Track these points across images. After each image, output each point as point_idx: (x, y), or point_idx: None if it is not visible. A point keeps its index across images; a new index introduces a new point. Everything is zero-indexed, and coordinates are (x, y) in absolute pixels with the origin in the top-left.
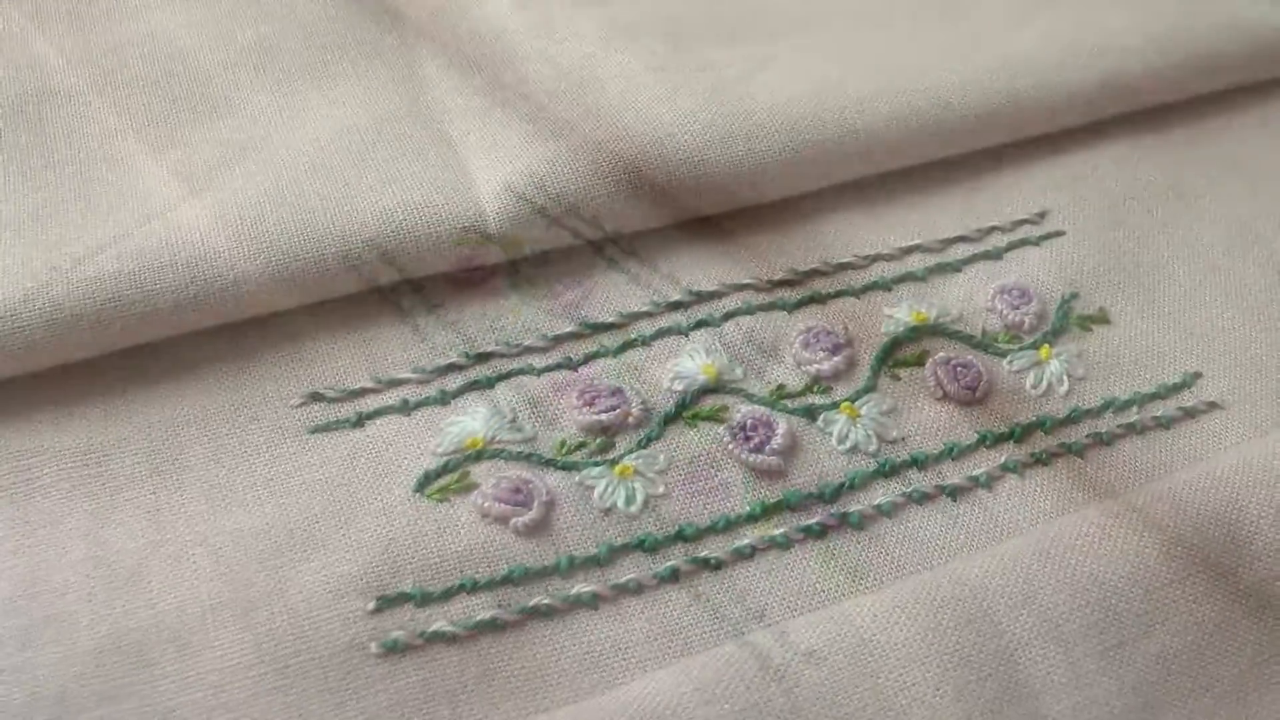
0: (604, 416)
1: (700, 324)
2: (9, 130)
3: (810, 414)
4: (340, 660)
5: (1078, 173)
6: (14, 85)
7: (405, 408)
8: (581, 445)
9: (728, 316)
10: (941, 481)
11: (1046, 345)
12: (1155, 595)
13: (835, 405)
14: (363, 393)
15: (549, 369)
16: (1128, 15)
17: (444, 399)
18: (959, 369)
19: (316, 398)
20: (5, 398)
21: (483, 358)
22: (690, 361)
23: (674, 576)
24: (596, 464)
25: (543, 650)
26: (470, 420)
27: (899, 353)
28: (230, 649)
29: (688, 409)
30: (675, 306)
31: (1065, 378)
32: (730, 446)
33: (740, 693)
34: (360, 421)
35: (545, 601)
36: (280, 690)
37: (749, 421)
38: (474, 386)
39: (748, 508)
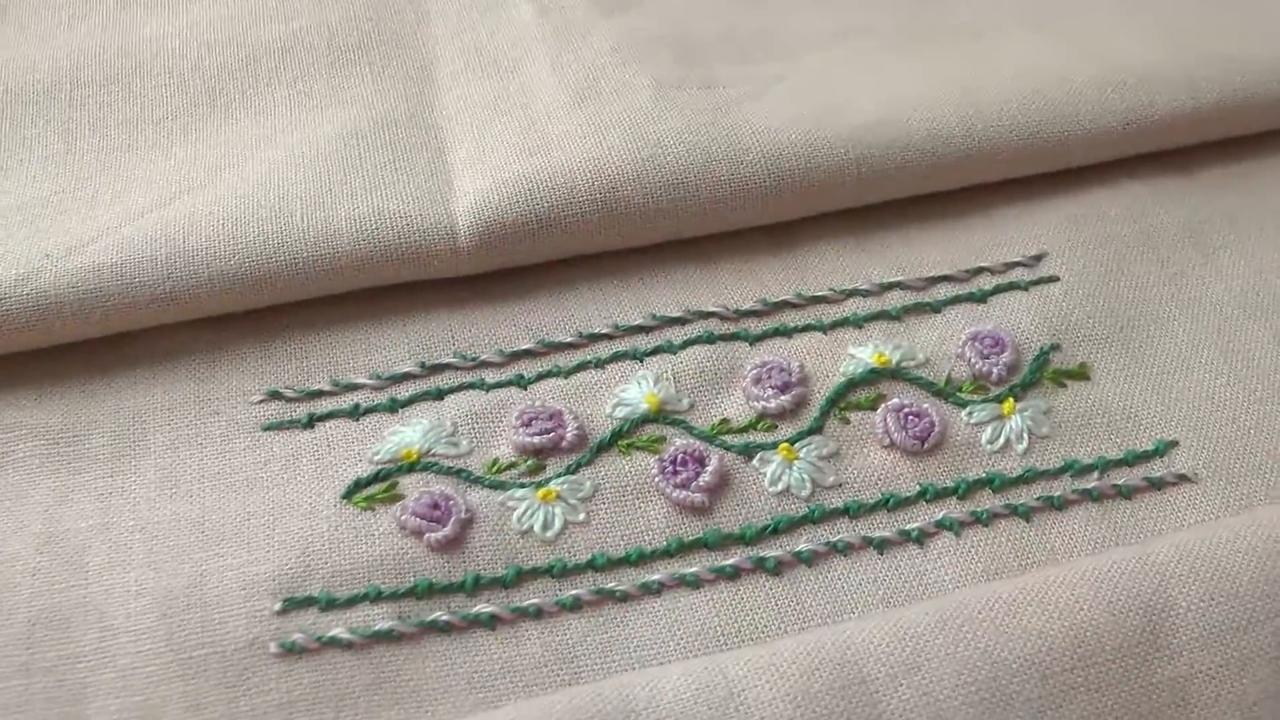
0: (535, 439)
1: (657, 350)
2: (41, 116)
3: (748, 452)
4: (241, 656)
5: (1086, 214)
6: (53, 72)
7: (355, 413)
8: (512, 466)
9: (687, 344)
10: (870, 533)
11: (1011, 399)
12: (1053, 680)
13: (774, 445)
14: (319, 394)
15: (499, 385)
16: (1160, 47)
17: (393, 407)
18: (910, 417)
19: (275, 396)
20: None
21: (437, 369)
22: (635, 389)
23: (576, 605)
24: (522, 485)
25: (433, 665)
26: (411, 431)
27: (853, 395)
28: (144, 635)
29: (624, 437)
30: (636, 330)
31: (1026, 435)
32: (657, 480)
33: None
34: (311, 423)
35: (444, 618)
36: (181, 679)
37: (680, 456)
38: (423, 397)
39: (664, 543)
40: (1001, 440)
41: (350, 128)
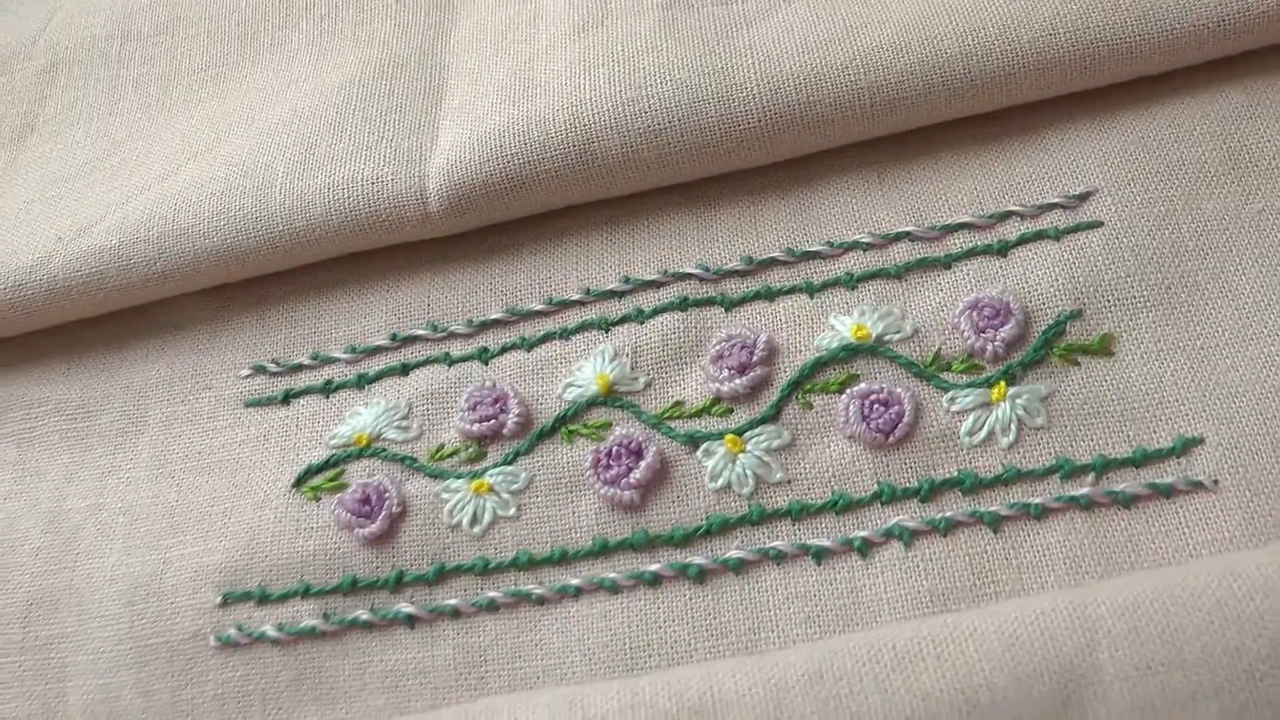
0: (477, 426)
1: (625, 319)
2: (93, 75)
3: (693, 441)
4: (186, 647)
5: (1160, 135)
6: (108, 25)
7: (327, 389)
8: (455, 452)
9: (657, 311)
10: (810, 540)
11: (1003, 383)
12: None
13: (721, 435)
14: (299, 368)
15: (462, 359)
16: None
17: (361, 383)
18: (875, 405)
19: (260, 370)
20: (23, 348)
21: (408, 341)
22: (589, 368)
23: (492, 607)
24: (459, 476)
25: (351, 663)
26: (367, 414)
27: (821, 376)
28: (110, 620)
29: (568, 422)
30: (608, 296)
31: (1014, 426)
32: (588, 474)
33: None
34: (287, 399)
35: (365, 616)
36: (136, 666)
37: (614, 448)
38: (390, 372)
39: (590, 542)
40: (984, 432)
41: (358, 74)
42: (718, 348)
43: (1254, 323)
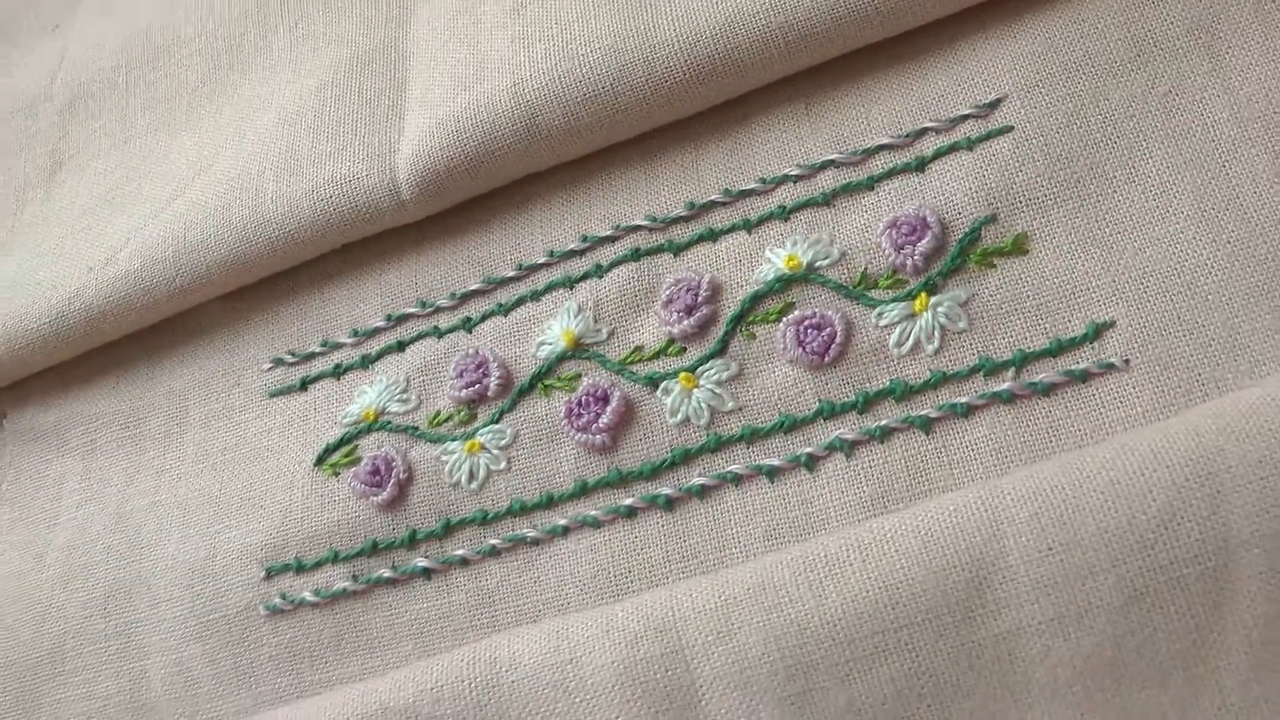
0: (464, 392)
1: (586, 275)
2: (106, 106)
3: (653, 382)
4: (241, 619)
5: (1062, 35)
6: (113, 55)
7: (337, 372)
8: (449, 418)
9: (614, 264)
10: (763, 460)
11: (924, 294)
12: (860, 644)
13: (676, 374)
14: (311, 356)
15: (450, 330)
16: None
17: (365, 363)
18: (809, 330)
19: (279, 363)
20: (76, 370)
21: (402, 319)
22: (557, 325)
23: (495, 552)
24: (455, 439)
25: (380, 617)
26: (372, 391)
27: (760, 308)
28: (175, 603)
29: (544, 378)
30: (570, 255)
31: (938, 332)
32: (563, 424)
33: (464, 694)
34: (304, 386)
35: (387, 574)
36: (201, 640)
37: (583, 397)
38: (389, 350)
39: (571, 485)
40: (910, 342)
41: (331, 75)
42: (667, 292)
43: (1160, 203)
